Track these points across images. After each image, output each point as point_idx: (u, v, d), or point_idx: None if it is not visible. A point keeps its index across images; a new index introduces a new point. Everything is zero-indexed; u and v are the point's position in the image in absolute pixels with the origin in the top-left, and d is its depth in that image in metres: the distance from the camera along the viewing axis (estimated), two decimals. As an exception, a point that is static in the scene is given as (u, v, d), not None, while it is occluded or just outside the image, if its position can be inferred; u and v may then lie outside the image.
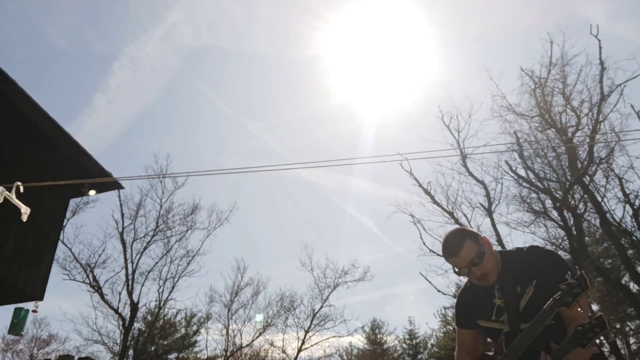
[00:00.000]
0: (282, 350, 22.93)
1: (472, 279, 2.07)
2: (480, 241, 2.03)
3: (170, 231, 20.53)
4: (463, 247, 2.00)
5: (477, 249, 1.99)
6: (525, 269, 2.01)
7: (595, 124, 12.92)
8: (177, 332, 23.51)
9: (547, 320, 1.76)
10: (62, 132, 7.85)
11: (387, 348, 31.56)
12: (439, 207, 15.51)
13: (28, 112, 7.29)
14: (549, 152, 14.38)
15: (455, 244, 2.03)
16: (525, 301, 1.98)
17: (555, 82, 13.93)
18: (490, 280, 2.02)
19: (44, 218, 8.09)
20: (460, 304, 2.27)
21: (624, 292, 13.68)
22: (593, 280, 18.73)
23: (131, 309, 18.93)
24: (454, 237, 2.05)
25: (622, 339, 21.72)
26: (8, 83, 6.82)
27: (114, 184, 9.13)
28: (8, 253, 7.43)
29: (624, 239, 12.88)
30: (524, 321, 1.93)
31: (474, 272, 2.01)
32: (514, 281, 2.02)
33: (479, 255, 1.98)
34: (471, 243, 2.00)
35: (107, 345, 19.83)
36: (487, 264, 2.00)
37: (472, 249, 1.99)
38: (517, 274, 2.02)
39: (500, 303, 2.04)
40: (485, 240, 2.05)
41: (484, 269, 2.00)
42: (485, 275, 2.01)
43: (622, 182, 12.68)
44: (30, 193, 5.21)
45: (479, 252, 1.99)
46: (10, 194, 4.78)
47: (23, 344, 24.74)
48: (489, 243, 2.07)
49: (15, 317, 8.10)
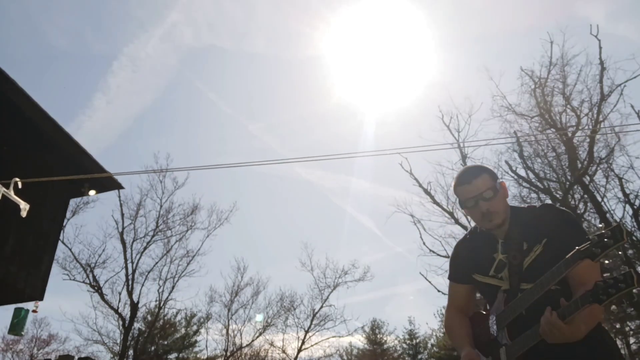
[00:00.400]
0: (282, 350, 22.95)
1: (475, 214, 1.92)
2: (498, 181, 1.92)
3: (170, 231, 20.55)
4: (478, 177, 1.89)
5: (491, 184, 1.88)
6: (535, 226, 1.83)
7: (595, 124, 12.92)
8: (177, 332, 23.51)
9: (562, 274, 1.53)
10: (62, 132, 7.85)
11: (387, 348, 31.57)
12: (439, 207, 15.54)
13: (28, 112, 7.29)
14: (549, 152, 14.39)
15: (471, 172, 1.93)
16: (531, 259, 1.81)
17: (555, 82, 13.95)
18: (495, 221, 1.88)
19: (44, 218, 8.09)
20: (457, 256, 2.12)
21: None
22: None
23: (131, 309, 18.93)
24: (472, 168, 1.97)
25: (622, 339, 21.72)
26: (8, 83, 6.82)
27: (114, 184, 9.12)
28: (8, 253, 7.43)
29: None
30: (526, 281, 1.78)
31: (481, 207, 1.87)
32: (521, 237, 1.85)
33: (492, 189, 1.87)
34: (488, 177, 1.90)
35: (107, 345, 19.85)
36: (496, 203, 1.87)
37: (486, 182, 1.88)
38: (525, 230, 1.86)
39: (503, 258, 1.89)
40: (503, 184, 1.94)
41: (492, 207, 1.86)
42: (491, 214, 1.87)
43: (622, 182, 12.68)
44: (31, 193, 5.21)
45: (493, 187, 1.88)
46: (9, 191, 4.76)
47: (23, 344, 24.77)
48: (506, 189, 1.95)
49: (15, 317, 8.09)
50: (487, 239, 1.98)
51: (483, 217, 1.89)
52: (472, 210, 1.92)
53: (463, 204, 1.96)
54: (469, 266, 2.02)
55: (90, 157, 8.24)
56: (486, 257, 1.95)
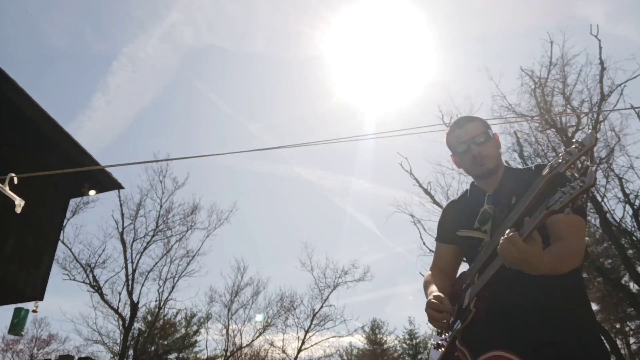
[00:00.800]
0: (282, 350, 22.95)
1: (466, 159, 1.87)
2: (491, 130, 1.91)
3: (170, 231, 20.57)
4: (471, 123, 1.90)
5: (484, 130, 1.88)
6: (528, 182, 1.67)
7: (596, 124, 12.92)
8: (177, 332, 23.50)
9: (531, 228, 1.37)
10: (62, 132, 7.86)
11: (387, 348, 31.57)
12: (439, 207, 15.52)
13: (28, 112, 7.29)
14: (549, 152, 14.38)
15: (464, 119, 1.93)
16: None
17: (555, 82, 13.93)
18: (486, 165, 1.83)
19: (43, 218, 8.09)
20: (444, 215, 2.08)
21: (624, 292, 13.68)
22: (593, 280, 18.76)
23: (131, 309, 18.93)
24: (465, 116, 1.97)
25: (622, 339, 21.72)
26: (8, 83, 6.83)
27: (114, 184, 9.13)
28: (8, 253, 7.43)
29: (624, 239, 12.88)
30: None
31: (472, 150, 1.84)
32: (510, 192, 1.77)
33: (484, 134, 1.86)
34: (480, 124, 1.90)
35: (107, 345, 19.86)
36: (488, 148, 1.85)
37: (479, 127, 1.88)
38: (516, 186, 1.76)
39: (488, 209, 1.81)
40: (496, 136, 1.93)
41: (484, 151, 1.83)
42: (483, 158, 1.83)
43: (622, 182, 12.68)
44: (31, 193, 5.21)
45: (486, 132, 1.87)
46: (4, 186, 4.74)
47: (23, 344, 24.74)
48: (499, 141, 1.93)
49: (15, 317, 8.10)
50: (477, 196, 1.91)
51: (474, 160, 1.84)
52: (463, 155, 1.89)
53: (455, 150, 1.92)
54: (455, 224, 1.95)
55: (90, 157, 8.24)
56: (473, 211, 1.87)
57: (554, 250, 1.50)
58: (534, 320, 1.55)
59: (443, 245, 2.05)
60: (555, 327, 1.53)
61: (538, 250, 1.36)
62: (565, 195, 1.26)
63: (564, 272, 1.49)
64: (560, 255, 1.49)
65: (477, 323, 1.60)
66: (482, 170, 1.85)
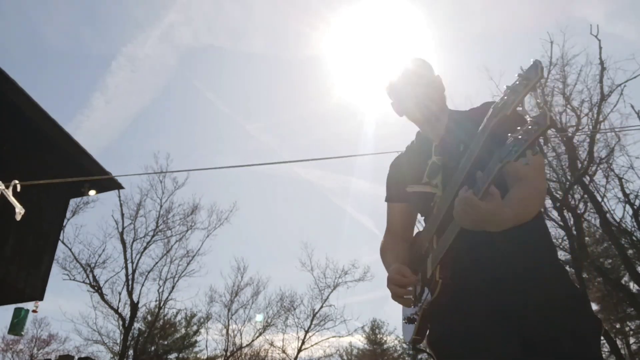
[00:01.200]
0: (282, 350, 22.95)
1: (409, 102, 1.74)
2: (435, 72, 1.78)
3: (170, 231, 20.55)
4: (413, 63, 1.76)
5: (427, 72, 1.75)
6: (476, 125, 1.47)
7: (596, 124, 12.92)
8: (177, 332, 23.50)
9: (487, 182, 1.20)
10: (62, 132, 7.86)
11: (387, 348, 31.55)
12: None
13: (28, 112, 7.30)
14: (549, 152, 14.38)
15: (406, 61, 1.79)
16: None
17: (556, 82, 13.93)
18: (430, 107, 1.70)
19: (44, 218, 8.09)
20: (391, 173, 1.90)
21: (624, 292, 13.68)
22: (593, 280, 18.76)
23: (131, 309, 18.93)
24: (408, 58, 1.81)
25: (622, 339, 21.72)
26: (8, 83, 6.83)
27: (114, 184, 9.13)
28: (8, 253, 7.43)
29: (624, 239, 12.88)
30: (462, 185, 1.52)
31: (415, 91, 1.72)
32: (458, 138, 1.62)
33: (428, 75, 1.74)
34: (424, 65, 1.76)
35: (107, 345, 19.86)
36: (432, 90, 1.71)
37: (422, 67, 1.75)
38: (463, 130, 1.61)
39: (436, 160, 1.66)
40: (440, 78, 1.79)
41: (428, 92, 1.71)
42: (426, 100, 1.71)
43: (622, 182, 12.68)
44: (31, 193, 5.21)
45: (429, 73, 1.75)
46: (8, 192, 4.78)
47: (23, 344, 24.74)
48: (443, 85, 1.79)
49: (15, 317, 8.10)
50: (423, 146, 1.77)
51: (417, 103, 1.71)
52: (405, 98, 1.75)
53: (396, 94, 1.79)
54: (404, 180, 1.78)
55: (90, 157, 8.25)
56: (421, 164, 1.72)
57: (515, 197, 1.36)
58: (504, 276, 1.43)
59: (394, 205, 1.87)
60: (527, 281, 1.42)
61: (498, 205, 1.21)
62: (519, 142, 1.11)
63: (531, 217, 1.38)
64: (523, 199, 1.36)
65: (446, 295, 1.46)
66: (426, 113, 1.71)
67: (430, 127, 1.74)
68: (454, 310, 1.46)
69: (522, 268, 1.43)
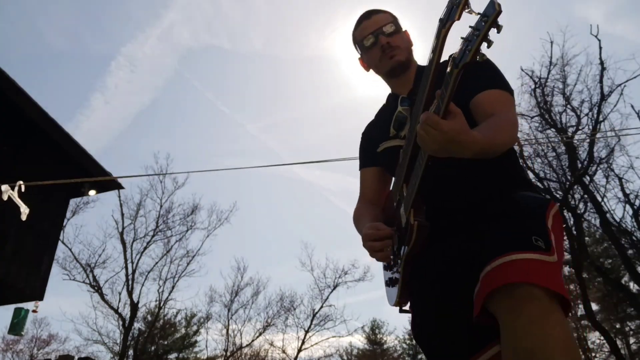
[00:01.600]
0: (282, 350, 22.95)
1: (375, 53, 1.65)
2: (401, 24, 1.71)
3: (170, 231, 20.55)
4: (379, 13, 1.69)
5: (393, 20, 1.68)
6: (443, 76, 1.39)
7: (596, 124, 12.93)
8: (177, 332, 23.50)
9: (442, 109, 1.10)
10: (62, 132, 7.87)
11: (387, 348, 31.57)
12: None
13: (28, 112, 7.30)
14: (549, 152, 14.38)
15: (371, 10, 1.71)
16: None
17: (555, 82, 13.94)
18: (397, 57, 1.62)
19: (44, 218, 8.09)
20: (363, 140, 1.83)
21: (624, 292, 13.68)
22: (593, 280, 18.76)
23: (131, 309, 18.93)
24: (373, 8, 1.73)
25: (622, 339, 21.72)
26: (8, 83, 6.83)
27: (114, 184, 9.14)
28: (8, 253, 7.43)
29: (624, 239, 12.88)
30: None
31: (381, 41, 1.62)
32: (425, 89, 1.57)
33: (394, 24, 1.66)
34: (389, 15, 1.70)
35: (107, 345, 19.86)
36: (398, 39, 1.64)
37: (387, 17, 1.68)
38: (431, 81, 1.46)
39: (403, 111, 1.59)
40: (407, 32, 1.73)
41: (393, 41, 1.62)
42: (392, 49, 1.62)
43: (622, 182, 12.69)
44: (31, 193, 5.21)
45: (396, 23, 1.68)
46: (13, 193, 4.83)
47: (23, 344, 24.74)
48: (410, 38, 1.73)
49: (15, 317, 8.10)
50: (391, 104, 1.70)
51: (383, 53, 1.62)
52: (371, 49, 1.66)
53: (362, 45, 1.70)
54: (374, 143, 1.70)
55: (90, 157, 8.25)
56: (388, 120, 1.65)
57: (485, 125, 1.29)
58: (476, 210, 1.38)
59: (366, 170, 1.79)
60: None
61: (462, 123, 1.12)
62: (471, 40, 1.01)
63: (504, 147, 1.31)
64: (495, 125, 1.29)
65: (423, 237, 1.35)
66: (392, 63, 1.63)
67: (399, 82, 1.68)
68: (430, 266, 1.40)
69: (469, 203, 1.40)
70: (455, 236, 1.38)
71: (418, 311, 1.49)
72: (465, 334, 1.28)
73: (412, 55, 1.70)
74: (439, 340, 1.36)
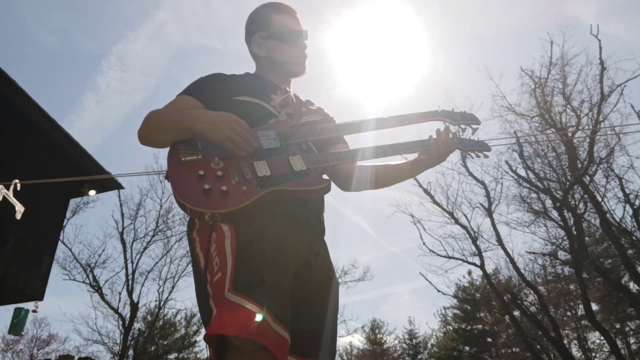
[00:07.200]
0: (282, 350, 22.94)
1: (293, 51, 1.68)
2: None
3: (170, 231, 20.53)
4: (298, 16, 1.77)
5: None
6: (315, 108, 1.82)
7: (596, 124, 12.92)
8: (177, 332, 23.52)
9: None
10: (62, 132, 7.87)
11: (387, 348, 31.56)
12: (439, 207, 15.52)
13: (28, 112, 7.30)
14: (549, 152, 14.39)
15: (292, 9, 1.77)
16: (311, 119, 1.74)
17: (555, 82, 13.94)
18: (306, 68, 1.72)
19: (44, 218, 8.09)
20: (220, 78, 1.65)
21: (624, 292, 13.67)
22: (593, 280, 18.74)
23: (131, 309, 18.92)
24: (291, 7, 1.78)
25: (622, 339, 21.71)
26: (8, 83, 6.83)
27: (113, 184, 9.13)
28: (8, 253, 7.43)
29: (624, 239, 12.88)
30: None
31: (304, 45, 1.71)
32: (301, 105, 1.76)
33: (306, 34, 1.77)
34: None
35: (107, 345, 19.87)
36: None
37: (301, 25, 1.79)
38: (305, 106, 1.77)
39: (286, 98, 1.69)
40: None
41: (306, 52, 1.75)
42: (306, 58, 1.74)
43: (622, 182, 12.69)
44: (30, 193, 5.21)
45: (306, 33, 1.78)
46: (8, 192, 4.81)
47: (23, 344, 24.77)
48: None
49: (15, 317, 8.10)
50: (266, 83, 1.67)
51: (300, 56, 1.68)
52: (291, 45, 1.67)
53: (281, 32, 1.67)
54: (232, 90, 1.57)
55: (90, 157, 8.25)
56: (267, 91, 1.61)
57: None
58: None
59: (192, 99, 1.54)
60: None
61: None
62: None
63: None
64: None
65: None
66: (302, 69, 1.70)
67: (279, 81, 1.69)
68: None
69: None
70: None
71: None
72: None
73: None
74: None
